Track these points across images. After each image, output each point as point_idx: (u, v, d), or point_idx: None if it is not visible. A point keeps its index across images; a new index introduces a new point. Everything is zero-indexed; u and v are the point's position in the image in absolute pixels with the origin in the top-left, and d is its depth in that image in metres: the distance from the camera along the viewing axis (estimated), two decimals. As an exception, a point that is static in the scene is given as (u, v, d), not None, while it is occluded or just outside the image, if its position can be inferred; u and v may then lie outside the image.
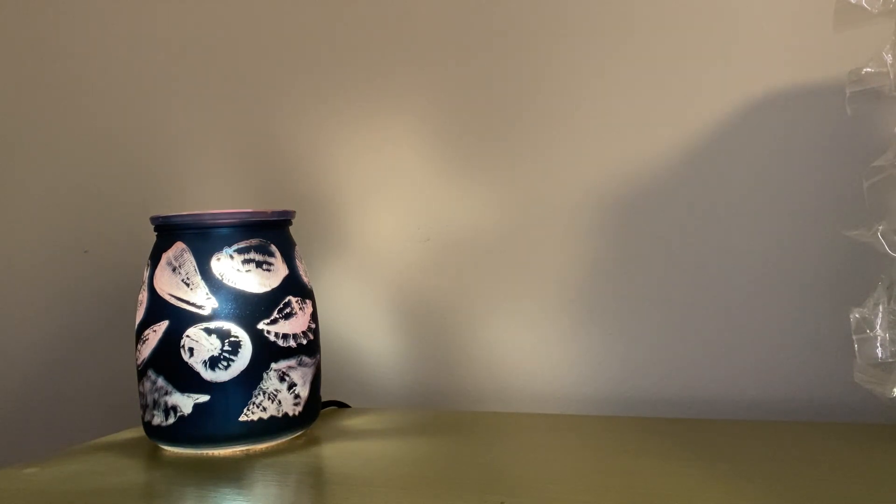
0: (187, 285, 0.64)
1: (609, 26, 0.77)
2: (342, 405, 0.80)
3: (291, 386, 0.65)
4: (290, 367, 0.65)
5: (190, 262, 0.64)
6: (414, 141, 0.84)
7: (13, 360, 1.02)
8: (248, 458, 0.63)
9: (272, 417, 0.64)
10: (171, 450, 0.66)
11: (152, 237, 0.68)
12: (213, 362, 0.63)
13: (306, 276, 0.70)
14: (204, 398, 0.63)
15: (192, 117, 0.94)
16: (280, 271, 0.67)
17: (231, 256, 0.65)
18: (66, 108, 1.00)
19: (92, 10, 0.98)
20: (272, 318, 0.65)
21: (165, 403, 0.64)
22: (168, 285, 0.65)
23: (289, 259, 0.68)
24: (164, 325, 0.64)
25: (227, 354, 0.63)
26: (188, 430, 0.64)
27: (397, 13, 0.85)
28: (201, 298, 0.64)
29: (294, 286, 0.67)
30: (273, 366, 0.65)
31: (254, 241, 0.66)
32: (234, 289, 0.64)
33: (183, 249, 0.65)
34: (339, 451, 0.65)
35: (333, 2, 0.87)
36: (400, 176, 0.85)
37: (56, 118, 1.00)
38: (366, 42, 0.86)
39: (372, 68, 0.86)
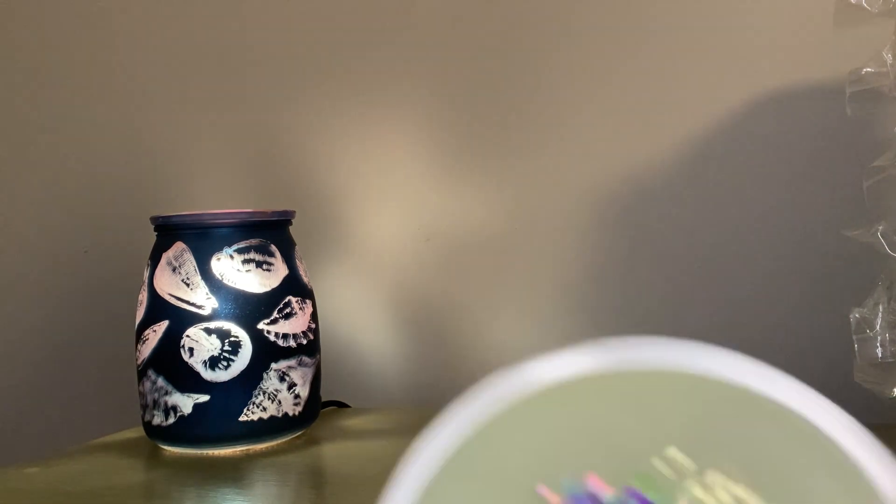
0: (187, 285, 0.64)
1: (609, 27, 0.77)
2: (342, 405, 0.80)
3: (291, 386, 0.65)
4: (290, 367, 0.65)
5: (190, 262, 0.64)
6: (415, 141, 0.84)
7: (12, 360, 1.02)
8: (249, 458, 0.63)
9: (272, 417, 0.64)
10: (171, 450, 0.66)
11: (152, 237, 0.68)
12: (213, 362, 0.63)
13: (306, 276, 0.70)
14: (204, 398, 0.63)
15: (192, 117, 0.94)
16: (280, 271, 0.67)
17: (231, 256, 0.65)
18: (66, 107, 0.99)
19: (95, 11, 0.98)
20: (272, 318, 0.65)
21: (165, 403, 0.64)
22: (168, 285, 0.64)
23: (289, 259, 0.68)
24: (164, 324, 0.64)
25: (226, 354, 0.63)
26: (188, 430, 0.64)
27: (399, 15, 0.85)
28: (201, 298, 0.64)
29: (294, 286, 0.67)
30: (273, 366, 0.65)
31: (254, 241, 0.66)
32: (234, 289, 0.64)
33: (183, 249, 0.65)
34: (339, 451, 0.65)
35: (335, 3, 0.87)
36: (400, 176, 0.85)
37: (56, 117, 1.00)
38: (368, 43, 0.86)
39: (373, 68, 0.86)
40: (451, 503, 0.23)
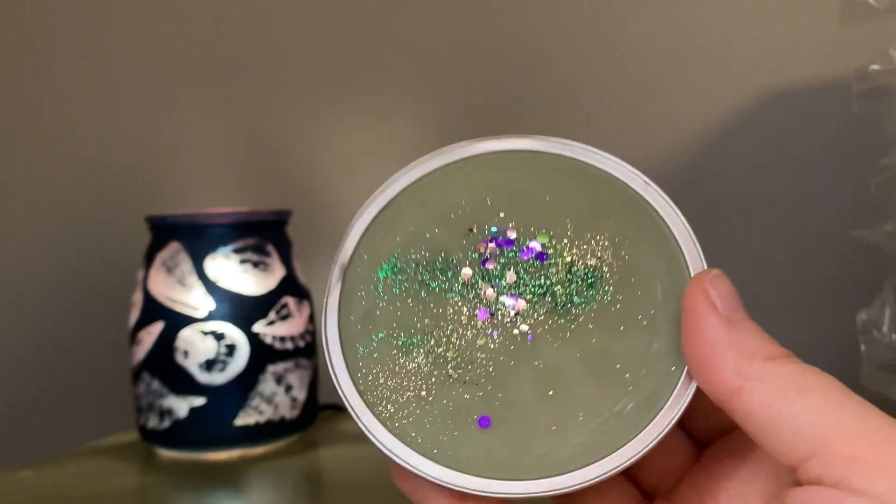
0: (182, 286, 0.63)
1: (609, 25, 0.76)
2: (340, 408, 0.79)
3: (288, 389, 0.65)
4: (287, 370, 0.65)
5: (185, 263, 0.63)
6: (414, 140, 0.83)
7: (5, 363, 1.02)
8: (245, 462, 0.62)
9: (269, 421, 0.63)
10: (166, 453, 0.65)
11: (147, 237, 0.67)
12: (208, 365, 0.62)
13: (304, 277, 0.69)
14: (199, 401, 0.62)
15: (187, 115, 0.93)
16: (277, 272, 0.66)
17: (227, 256, 0.64)
18: (57, 106, 0.99)
19: (86, 8, 0.97)
20: (269, 319, 0.64)
21: (160, 406, 0.63)
22: (163, 286, 0.64)
23: (286, 259, 0.67)
24: (158, 326, 0.63)
25: (222, 356, 0.62)
26: (183, 433, 0.63)
27: (398, 15, 0.84)
28: (196, 299, 0.63)
29: (291, 287, 0.66)
30: (270, 368, 0.64)
31: (250, 241, 0.65)
32: (230, 290, 0.63)
33: (178, 249, 0.64)
34: (336, 455, 0.64)
35: (333, 3, 0.87)
36: (399, 175, 0.84)
37: (47, 116, 0.99)
38: (366, 41, 0.85)
39: (372, 67, 0.85)
40: (408, 219, 0.31)
